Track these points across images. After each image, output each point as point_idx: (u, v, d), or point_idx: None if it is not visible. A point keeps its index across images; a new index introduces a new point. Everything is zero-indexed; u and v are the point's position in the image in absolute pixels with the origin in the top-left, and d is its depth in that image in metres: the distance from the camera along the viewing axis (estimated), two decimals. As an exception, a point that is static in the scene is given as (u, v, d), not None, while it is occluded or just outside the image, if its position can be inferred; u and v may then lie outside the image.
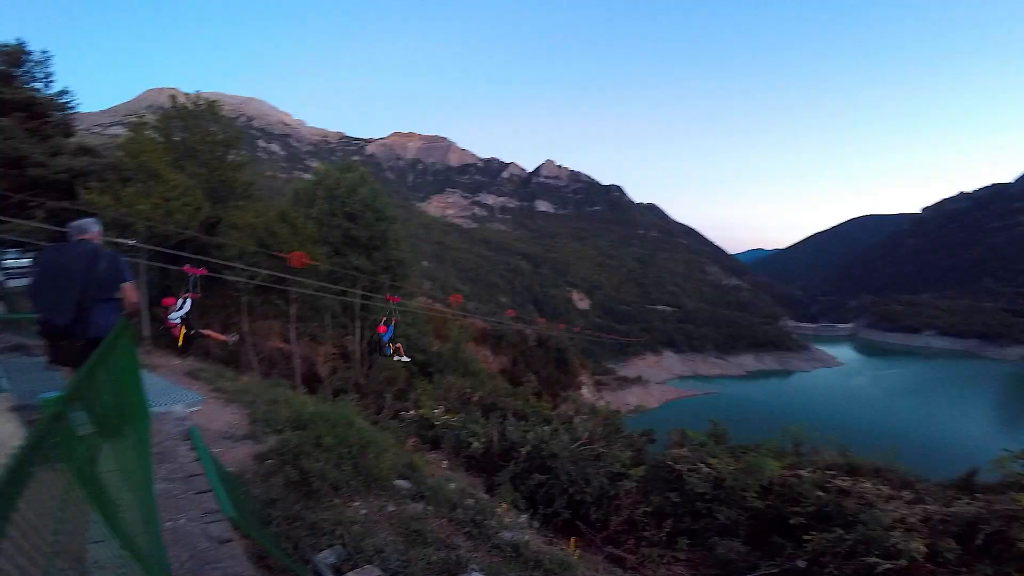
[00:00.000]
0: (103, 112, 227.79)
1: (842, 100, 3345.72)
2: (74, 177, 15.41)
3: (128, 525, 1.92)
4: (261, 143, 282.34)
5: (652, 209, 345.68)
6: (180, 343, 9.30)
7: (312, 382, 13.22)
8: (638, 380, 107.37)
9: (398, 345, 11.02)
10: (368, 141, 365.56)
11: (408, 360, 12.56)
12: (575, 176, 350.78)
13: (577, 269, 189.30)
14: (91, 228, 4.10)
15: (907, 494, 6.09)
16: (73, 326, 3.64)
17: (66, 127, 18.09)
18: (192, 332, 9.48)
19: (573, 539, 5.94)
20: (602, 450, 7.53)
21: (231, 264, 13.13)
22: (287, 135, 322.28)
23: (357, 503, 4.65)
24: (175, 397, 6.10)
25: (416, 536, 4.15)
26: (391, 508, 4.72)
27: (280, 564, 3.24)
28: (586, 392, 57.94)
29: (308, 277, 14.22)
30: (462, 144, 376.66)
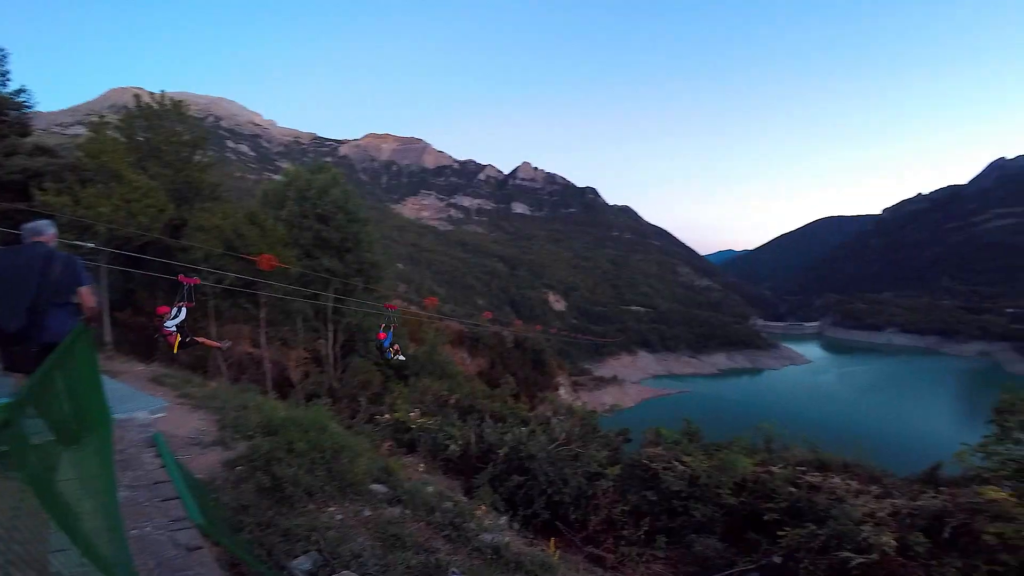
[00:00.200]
0: (64, 111, 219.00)
1: (807, 104, 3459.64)
2: (30, 177, 14.76)
3: (90, 534, 1.86)
4: (230, 144, 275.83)
5: (626, 211, 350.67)
6: (175, 350, 9.61)
7: (284, 387, 12.94)
8: (614, 380, 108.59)
9: (396, 346, 11.48)
10: (341, 142, 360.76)
11: (403, 359, 13.10)
12: (551, 178, 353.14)
13: (553, 271, 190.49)
14: (46, 230, 3.97)
15: (875, 489, 6.21)
16: (26, 331, 3.53)
17: (22, 126, 17.30)
18: (188, 339, 9.80)
19: (553, 540, 5.92)
20: (579, 450, 7.53)
21: (197, 267, 12.78)
22: (257, 136, 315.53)
23: (332, 508, 4.56)
24: (139, 403, 5.89)
25: (394, 540, 4.10)
26: (368, 513, 4.65)
27: (253, 571, 3.16)
28: (563, 393, 58.31)
29: (278, 280, 13.94)
30: (438, 146, 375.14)
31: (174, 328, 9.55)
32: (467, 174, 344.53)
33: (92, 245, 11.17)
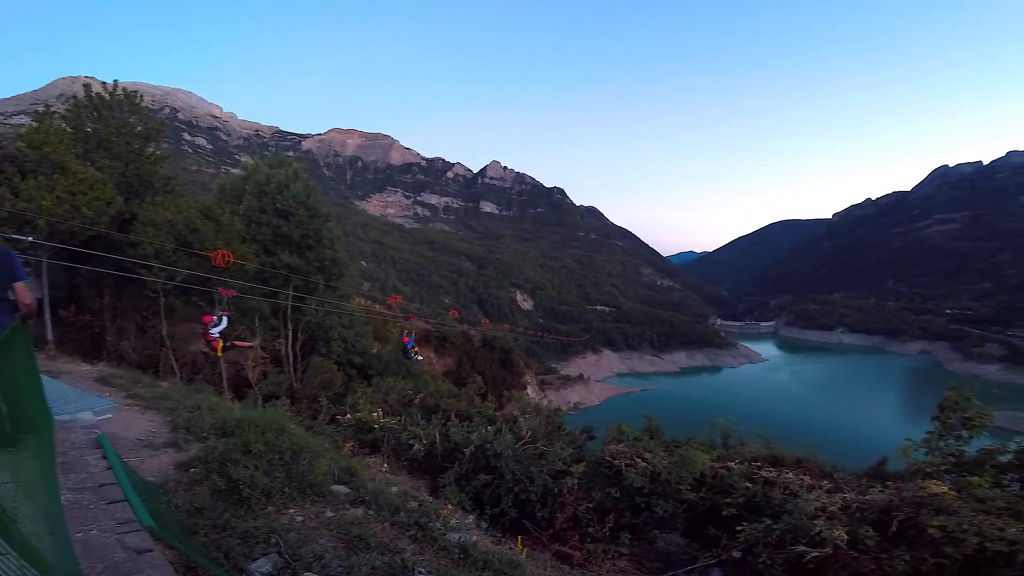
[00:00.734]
0: (7, 100, 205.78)
1: (764, 110, 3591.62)
2: (-37, 168, 13.76)
3: (30, 538, 1.79)
4: (186, 136, 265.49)
5: (592, 212, 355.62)
6: (219, 353, 11.78)
7: (240, 388, 12.52)
8: (580, 379, 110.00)
9: (416, 348, 12.45)
10: (305, 137, 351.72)
11: (420, 358, 14.59)
12: (520, 178, 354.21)
13: (521, 270, 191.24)
14: None
15: (826, 483, 6.33)
16: None
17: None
18: (228, 344, 11.68)
19: (520, 538, 5.92)
20: (545, 448, 7.51)
21: (147, 263, 12.24)
22: (216, 128, 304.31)
23: (292, 510, 4.45)
24: (83, 404, 5.61)
25: (358, 541, 4.00)
26: (329, 514, 4.55)
27: (209, 574, 3.08)
28: (531, 392, 58.57)
29: (235, 277, 13.51)
30: (406, 142, 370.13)
31: (218, 335, 11.30)
32: (435, 172, 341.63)
33: (31, 239, 10.53)
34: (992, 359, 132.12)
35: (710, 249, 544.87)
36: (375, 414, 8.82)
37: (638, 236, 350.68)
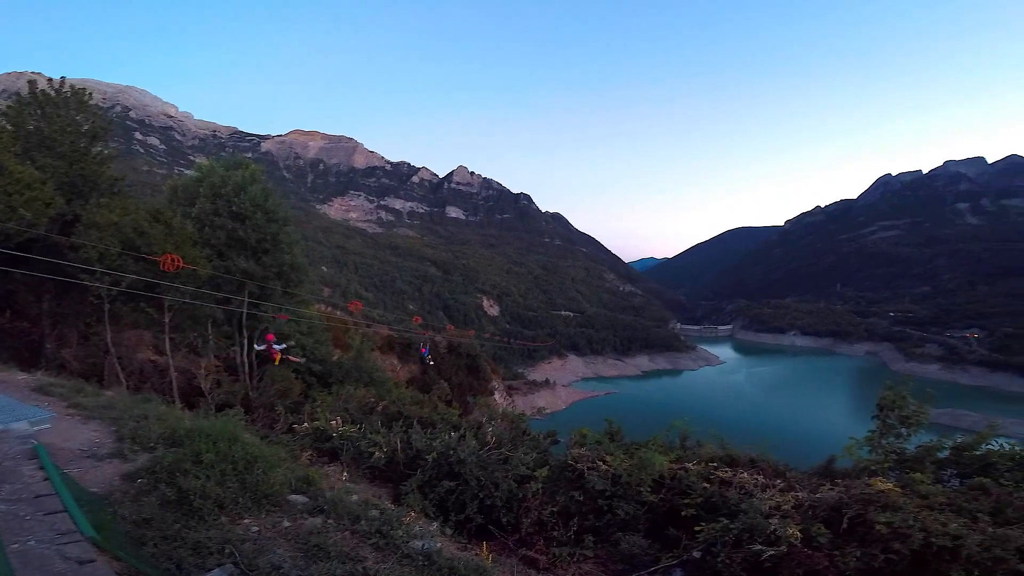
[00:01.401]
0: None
1: (719, 118, 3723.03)
2: None
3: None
4: (138, 136, 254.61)
5: (557, 218, 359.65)
6: (276, 362, 15.17)
7: (192, 397, 12.03)
8: (546, 384, 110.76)
9: (430, 357, 13.52)
10: (264, 138, 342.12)
11: (432, 363, 16.40)
12: (487, 183, 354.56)
13: (487, 276, 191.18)
14: None
15: (779, 482, 6.48)
16: None
17: None
18: (284, 357, 15.32)
19: (485, 544, 5.90)
20: (509, 453, 7.52)
21: (89, 267, 11.61)
22: (170, 128, 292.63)
23: (247, 520, 4.33)
24: (17, 414, 5.31)
25: (317, 551, 3.93)
26: (287, 524, 4.44)
27: None
28: (498, 397, 58.37)
29: (186, 283, 12.99)
30: (370, 146, 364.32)
31: (279, 350, 15.09)
32: (400, 176, 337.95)
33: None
34: (932, 359, 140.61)
35: (670, 255, 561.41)
36: (333, 422, 8.64)
37: (601, 243, 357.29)
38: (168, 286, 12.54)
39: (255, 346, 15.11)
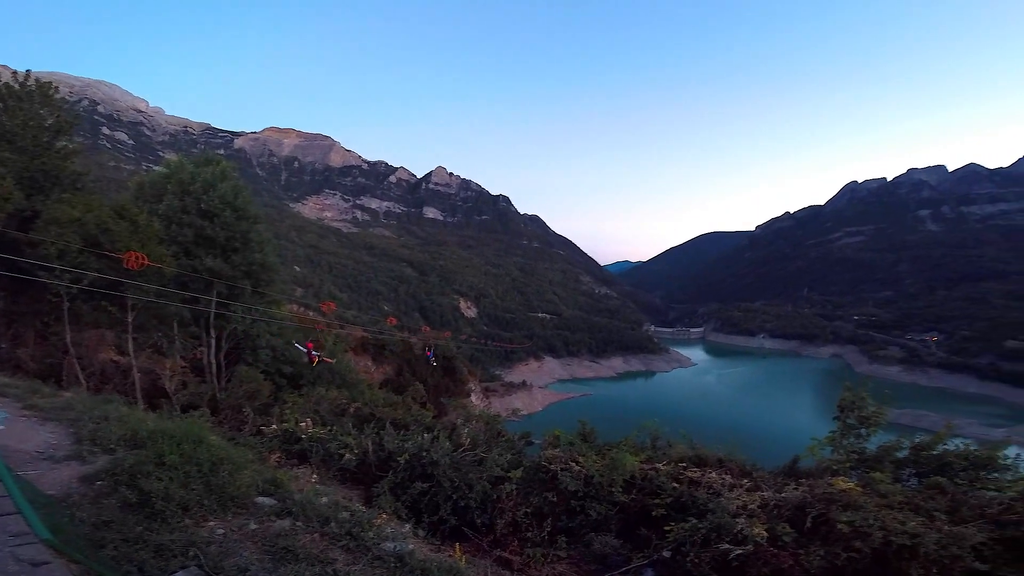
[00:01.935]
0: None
1: (694, 124, 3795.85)
2: None
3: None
4: (105, 130, 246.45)
5: (535, 220, 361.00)
6: (315, 364, 18.63)
7: (157, 398, 11.68)
8: (523, 385, 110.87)
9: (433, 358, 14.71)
10: (238, 134, 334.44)
11: (436, 364, 17.93)
12: (466, 184, 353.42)
13: (464, 277, 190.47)
14: None
15: (746, 482, 6.56)
16: None
17: None
18: (319, 360, 18.70)
19: (458, 545, 5.88)
20: (483, 455, 7.51)
21: (47, 264, 11.20)
22: (139, 123, 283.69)
23: (212, 523, 4.24)
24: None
25: (285, 553, 3.87)
26: (254, 526, 4.36)
27: None
28: (475, 399, 58.19)
29: (151, 281, 12.62)
30: (347, 144, 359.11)
31: (317, 355, 18.35)
32: (377, 175, 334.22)
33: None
34: (894, 361, 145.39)
35: (644, 259, 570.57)
36: (303, 424, 8.53)
37: (578, 245, 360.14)
38: (132, 284, 12.18)
39: (295, 344, 18.67)
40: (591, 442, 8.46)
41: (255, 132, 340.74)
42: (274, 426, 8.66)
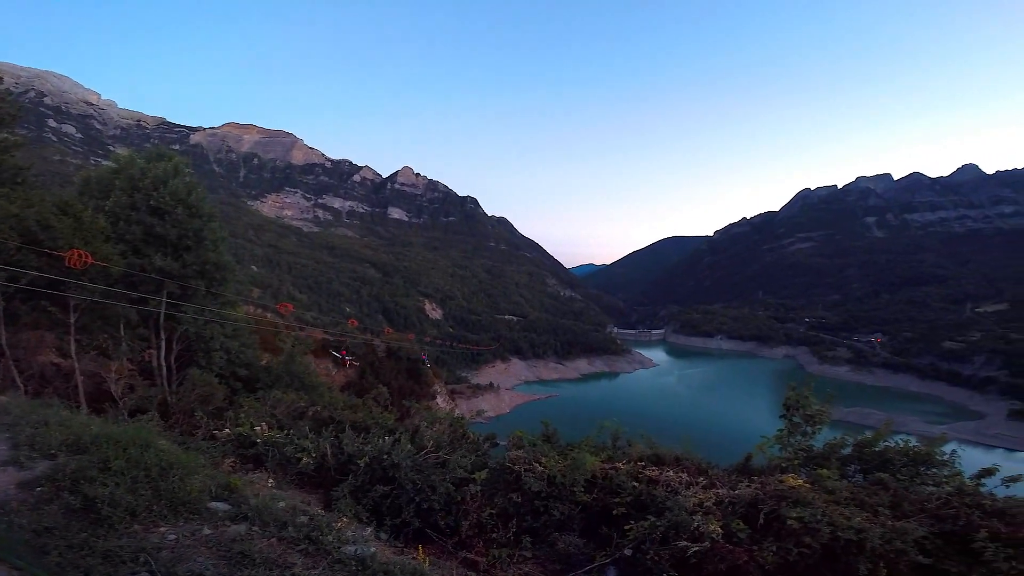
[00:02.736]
0: None
1: (654, 131, 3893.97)
2: None
3: None
4: (52, 123, 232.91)
5: (503, 222, 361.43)
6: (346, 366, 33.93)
7: (102, 402, 11.14)
8: (490, 387, 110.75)
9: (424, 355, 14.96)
10: (195, 130, 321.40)
11: (428, 365, 17.64)
12: (432, 185, 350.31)
13: (430, 279, 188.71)
14: None
15: (702, 480, 6.68)
16: None
17: None
18: (348, 362, 33.61)
19: (421, 547, 5.85)
20: (447, 457, 7.52)
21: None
22: (89, 116, 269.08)
23: (163, 529, 4.15)
24: None
25: (241, 558, 3.84)
26: (207, 531, 4.27)
27: None
28: (440, 401, 57.69)
29: (95, 280, 12.03)
30: (310, 142, 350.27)
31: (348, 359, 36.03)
32: (340, 174, 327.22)
33: None
34: (842, 361, 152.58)
35: (608, 262, 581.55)
36: (258, 428, 8.34)
37: (545, 248, 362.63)
38: (75, 284, 11.59)
39: (332, 352, 23.94)
40: (554, 443, 8.50)
41: (213, 128, 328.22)
42: (227, 430, 8.44)
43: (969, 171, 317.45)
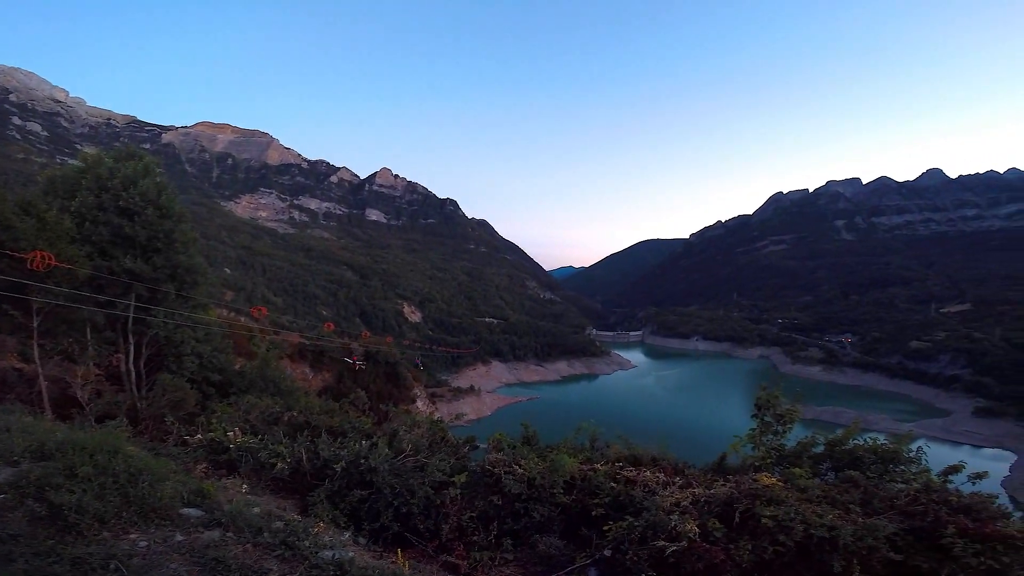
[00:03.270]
0: None
1: (633, 135, 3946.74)
2: None
3: None
4: (16, 121, 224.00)
5: (483, 225, 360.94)
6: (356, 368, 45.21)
7: (68, 408, 10.76)
8: (471, 390, 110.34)
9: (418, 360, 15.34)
10: (167, 128, 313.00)
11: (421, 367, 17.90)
12: (411, 187, 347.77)
13: (409, 281, 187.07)
14: None
15: (679, 480, 6.76)
16: None
17: None
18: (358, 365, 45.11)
19: (400, 551, 5.82)
20: (425, 460, 7.49)
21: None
22: (56, 114, 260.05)
23: (134, 535, 4.09)
24: None
25: (216, 564, 3.81)
26: (180, 538, 4.21)
27: None
28: (421, 405, 57.32)
29: (62, 283, 11.66)
30: (287, 142, 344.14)
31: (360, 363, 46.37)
32: (317, 175, 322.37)
33: None
34: (814, 361, 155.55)
35: (587, 264, 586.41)
36: (231, 433, 8.19)
37: (524, 251, 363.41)
38: (38, 287, 11.21)
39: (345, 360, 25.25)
40: (533, 445, 8.59)
41: (186, 127, 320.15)
42: (199, 436, 8.27)
43: (934, 175, 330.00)
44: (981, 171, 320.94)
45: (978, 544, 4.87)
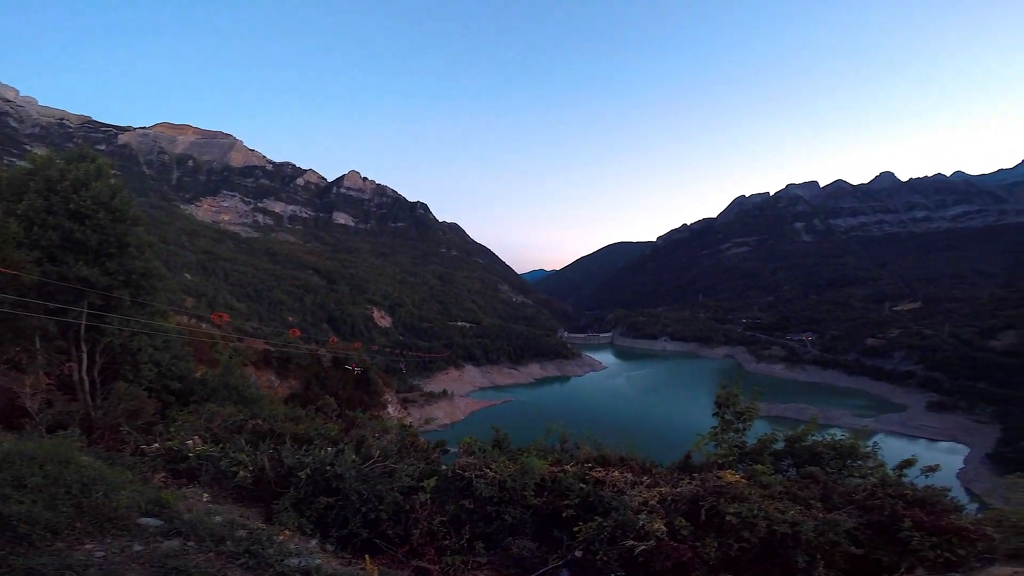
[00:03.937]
0: None
1: (601, 138, 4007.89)
2: None
3: None
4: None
5: (454, 228, 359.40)
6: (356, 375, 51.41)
7: (16, 418, 10.24)
8: (444, 395, 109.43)
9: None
10: (124, 129, 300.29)
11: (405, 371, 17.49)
12: (381, 190, 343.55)
13: (378, 286, 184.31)
14: None
15: (646, 479, 6.83)
16: None
17: None
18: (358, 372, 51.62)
19: (368, 557, 5.82)
20: (394, 466, 7.47)
21: None
22: (4, 113, 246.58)
23: (89, 546, 3.99)
24: None
25: (177, 574, 3.77)
26: (138, 548, 4.13)
27: None
28: (392, 411, 56.51)
29: (4, 290, 11.11)
30: (251, 143, 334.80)
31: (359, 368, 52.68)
32: (283, 177, 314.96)
33: None
34: (777, 360, 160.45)
35: (558, 267, 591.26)
36: (190, 442, 8.01)
37: (496, 254, 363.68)
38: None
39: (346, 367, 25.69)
40: (504, 448, 8.67)
41: (144, 128, 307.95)
42: (156, 445, 8.04)
43: (886, 178, 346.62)
44: (930, 174, 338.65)
45: (934, 537, 5.01)
